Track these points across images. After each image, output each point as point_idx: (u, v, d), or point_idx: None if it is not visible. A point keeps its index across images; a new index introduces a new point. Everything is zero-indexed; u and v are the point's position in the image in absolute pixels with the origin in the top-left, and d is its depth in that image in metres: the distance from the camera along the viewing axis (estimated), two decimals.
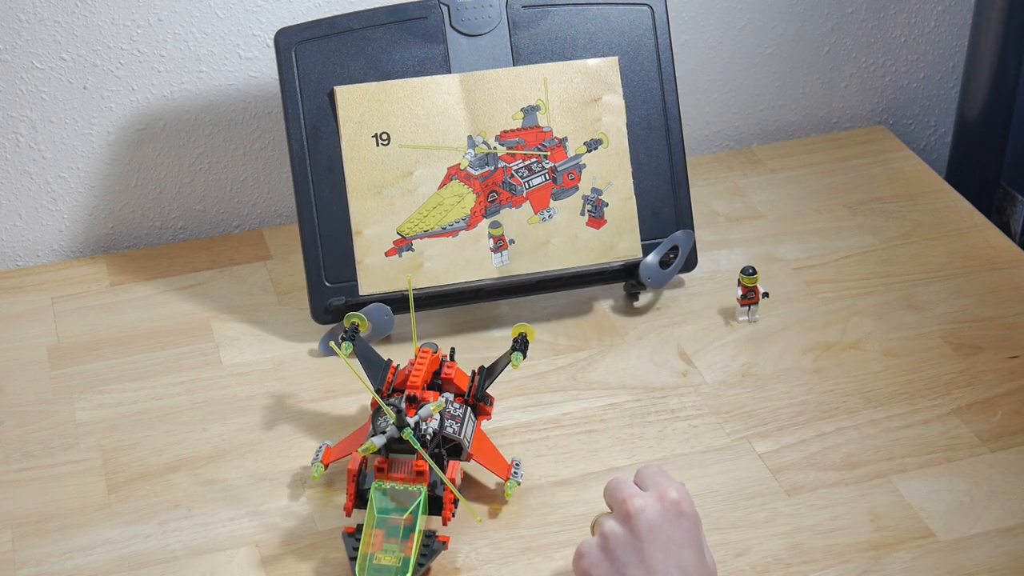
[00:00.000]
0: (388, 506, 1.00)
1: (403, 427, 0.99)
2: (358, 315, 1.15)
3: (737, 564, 1.02)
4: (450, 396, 1.08)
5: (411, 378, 1.05)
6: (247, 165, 1.43)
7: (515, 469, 1.09)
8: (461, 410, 1.07)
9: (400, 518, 0.99)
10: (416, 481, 1.01)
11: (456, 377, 1.09)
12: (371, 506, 1.00)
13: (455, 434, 1.05)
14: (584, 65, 1.26)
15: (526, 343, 1.10)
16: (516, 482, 1.08)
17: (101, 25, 1.32)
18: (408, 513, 0.99)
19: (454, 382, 1.09)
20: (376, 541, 0.98)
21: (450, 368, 1.10)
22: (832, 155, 1.53)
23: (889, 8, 1.55)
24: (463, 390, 1.09)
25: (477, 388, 1.09)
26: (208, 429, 1.16)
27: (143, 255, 1.39)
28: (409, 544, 0.98)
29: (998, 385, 1.19)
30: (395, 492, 1.01)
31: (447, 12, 1.25)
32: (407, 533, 0.99)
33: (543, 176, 1.26)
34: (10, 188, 1.37)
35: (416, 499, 1.00)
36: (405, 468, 1.02)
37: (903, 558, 1.03)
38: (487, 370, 1.11)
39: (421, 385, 1.05)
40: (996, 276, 1.33)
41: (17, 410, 1.19)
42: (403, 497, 1.00)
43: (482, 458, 1.08)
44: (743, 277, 1.26)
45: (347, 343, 1.10)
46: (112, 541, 1.06)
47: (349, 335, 1.11)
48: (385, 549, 0.98)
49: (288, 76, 1.22)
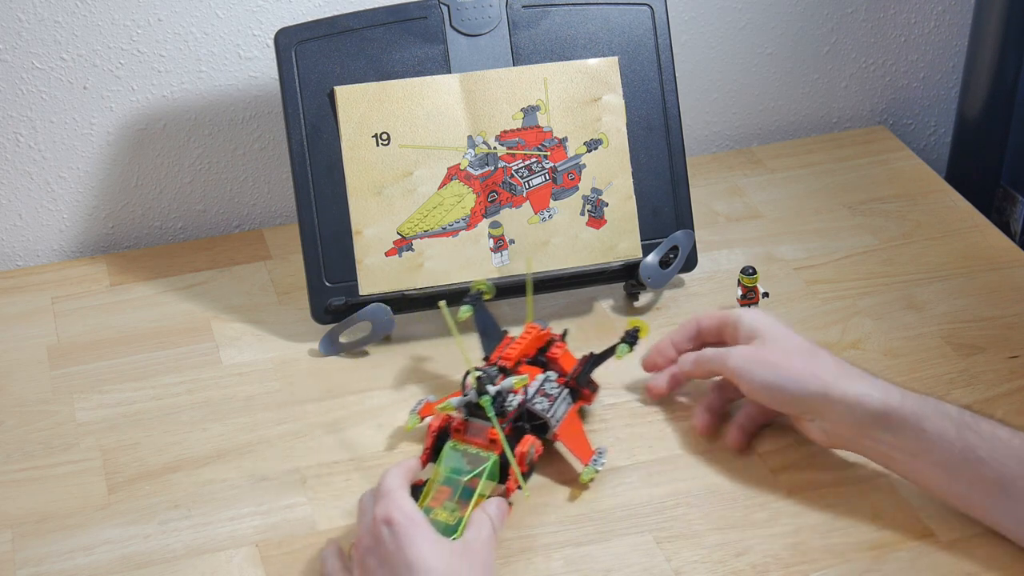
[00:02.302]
0: (457, 465, 1.03)
1: (482, 394, 1.03)
2: (485, 283, 1.17)
3: (737, 564, 1.02)
4: (551, 375, 1.11)
5: (507, 350, 1.09)
6: (247, 165, 1.43)
7: (596, 456, 1.10)
8: (557, 390, 1.10)
9: (464, 478, 1.02)
10: (489, 448, 1.04)
11: (562, 358, 1.13)
12: (441, 462, 1.03)
13: (542, 411, 1.07)
14: (584, 65, 1.26)
15: (636, 337, 1.13)
16: (595, 469, 1.09)
17: (101, 25, 1.32)
18: (474, 476, 1.02)
19: (559, 362, 1.12)
20: (439, 496, 1.01)
21: (558, 348, 1.13)
22: (832, 155, 1.53)
23: (889, 8, 1.55)
24: (567, 372, 1.12)
25: (580, 372, 1.12)
26: (208, 429, 1.16)
27: (143, 255, 1.39)
28: (467, 505, 1.00)
29: (998, 385, 1.19)
30: (467, 453, 1.04)
31: (447, 12, 1.25)
32: (468, 494, 1.01)
33: (543, 176, 1.26)
34: (10, 188, 1.37)
35: (485, 463, 1.03)
36: (481, 434, 1.05)
37: (903, 558, 1.03)
38: (595, 357, 1.13)
39: (516, 358, 1.09)
40: (996, 276, 1.33)
41: (17, 410, 1.19)
42: (474, 460, 1.03)
43: (567, 440, 1.09)
44: (743, 277, 1.26)
45: (467, 307, 1.12)
46: (112, 541, 1.06)
47: (472, 299, 1.13)
48: (444, 506, 1.01)
49: (288, 76, 1.22)
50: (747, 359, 1.08)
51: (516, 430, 1.06)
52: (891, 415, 1.02)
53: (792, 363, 1.06)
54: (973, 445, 0.99)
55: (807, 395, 1.05)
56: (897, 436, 1.02)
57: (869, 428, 1.03)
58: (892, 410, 1.02)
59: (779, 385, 1.06)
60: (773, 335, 1.09)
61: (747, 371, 1.08)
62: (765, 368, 1.07)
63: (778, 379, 1.06)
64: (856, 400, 1.03)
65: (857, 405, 1.03)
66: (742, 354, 1.09)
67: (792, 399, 1.06)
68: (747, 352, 1.09)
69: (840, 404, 1.03)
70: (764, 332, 1.09)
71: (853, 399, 1.03)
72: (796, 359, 1.06)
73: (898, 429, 1.01)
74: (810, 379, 1.05)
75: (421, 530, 0.94)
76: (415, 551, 0.92)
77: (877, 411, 1.02)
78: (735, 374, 1.09)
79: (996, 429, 1.00)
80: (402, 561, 0.92)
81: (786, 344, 1.08)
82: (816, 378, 1.05)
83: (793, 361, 1.06)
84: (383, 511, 0.95)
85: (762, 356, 1.08)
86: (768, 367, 1.07)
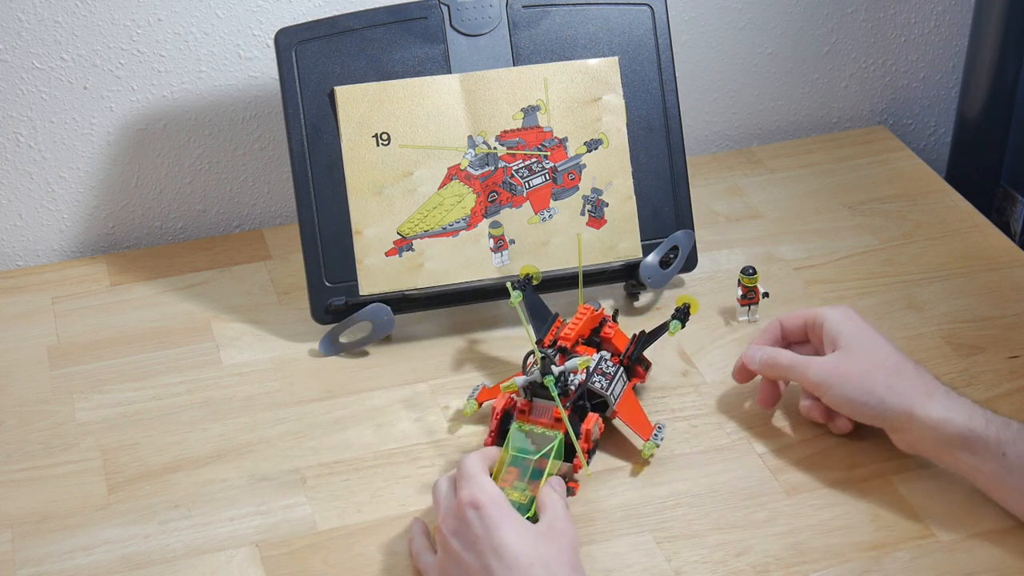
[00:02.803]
0: (524, 446, 1.05)
1: (546, 374, 1.05)
2: (532, 267, 1.19)
3: (737, 564, 1.02)
4: (606, 355, 1.13)
5: (565, 331, 1.11)
6: (247, 165, 1.43)
7: (657, 431, 1.11)
8: (613, 368, 1.12)
9: (533, 458, 1.03)
10: (554, 427, 1.06)
11: (615, 337, 1.15)
12: (508, 443, 1.05)
13: (601, 390, 1.10)
14: (584, 65, 1.26)
15: (687, 313, 1.14)
16: (655, 444, 1.10)
17: (101, 25, 1.32)
18: (541, 455, 1.04)
19: (612, 342, 1.14)
20: (508, 477, 1.03)
21: (611, 328, 1.15)
22: (832, 155, 1.53)
23: (889, 8, 1.55)
24: (620, 351, 1.14)
25: (633, 350, 1.13)
26: (208, 429, 1.16)
27: (143, 255, 1.39)
28: (537, 485, 1.01)
29: (998, 385, 1.19)
30: (533, 434, 1.06)
31: (447, 12, 1.25)
32: (537, 474, 1.02)
33: (543, 176, 1.26)
34: (10, 188, 1.37)
35: (551, 443, 1.04)
36: (546, 414, 1.07)
37: (903, 558, 1.03)
38: (647, 335, 1.15)
39: (575, 339, 1.11)
40: (996, 276, 1.33)
41: (17, 410, 1.19)
42: (540, 440, 1.05)
43: (627, 417, 1.11)
44: (743, 277, 1.26)
45: (518, 292, 1.13)
46: (112, 541, 1.06)
47: (521, 284, 1.15)
48: (515, 486, 1.02)
49: (288, 76, 1.22)
50: (828, 373, 1.08)
51: (577, 409, 1.08)
52: (974, 440, 1.01)
53: (876, 379, 1.05)
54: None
55: (890, 413, 1.05)
56: (979, 459, 1.02)
57: (951, 449, 1.03)
58: (975, 435, 1.01)
59: (862, 401, 1.06)
60: (858, 343, 1.08)
61: (829, 386, 1.07)
62: (847, 383, 1.06)
63: (861, 395, 1.06)
64: (939, 422, 1.02)
65: (940, 427, 1.02)
66: (823, 368, 1.08)
67: (875, 415, 1.06)
68: (828, 365, 1.08)
69: (923, 424, 1.03)
70: (848, 339, 1.08)
71: (936, 421, 1.02)
72: (880, 374, 1.05)
73: (980, 452, 1.01)
74: (894, 397, 1.04)
75: (508, 514, 0.94)
76: (502, 535, 0.93)
77: (960, 434, 1.02)
78: (816, 388, 1.09)
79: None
80: (489, 545, 0.92)
81: (871, 356, 1.07)
82: (900, 396, 1.04)
83: (876, 376, 1.05)
84: (469, 495, 0.95)
85: (843, 369, 1.07)
86: (850, 382, 1.06)
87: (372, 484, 1.11)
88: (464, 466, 0.99)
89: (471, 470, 0.98)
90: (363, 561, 1.04)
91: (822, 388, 1.08)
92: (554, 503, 0.98)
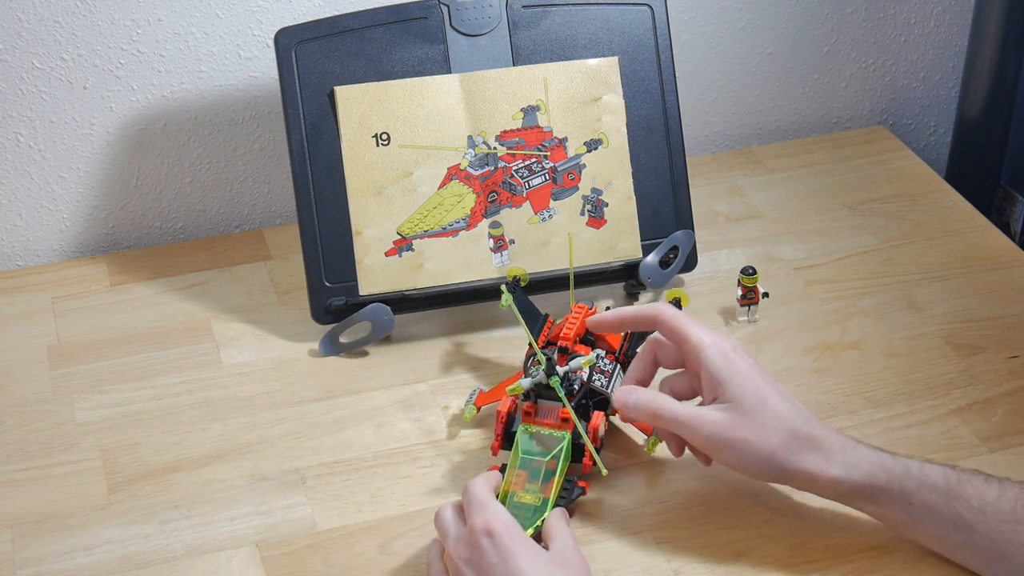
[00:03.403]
0: (533, 448, 1.05)
1: (551, 375, 1.06)
2: (520, 269, 1.19)
3: (737, 564, 1.02)
4: (602, 352, 1.13)
5: (564, 331, 1.11)
6: (247, 165, 1.43)
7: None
8: (611, 366, 1.12)
9: (543, 460, 1.04)
10: (561, 427, 1.06)
11: (609, 335, 1.14)
12: (516, 447, 1.05)
13: (602, 388, 1.10)
14: (584, 65, 1.26)
15: (679, 306, 1.14)
16: (658, 438, 1.10)
17: (101, 25, 1.32)
18: (551, 457, 1.04)
19: (606, 340, 1.14)
20: (519, 481, 1.03)
21: None
22: (832, 155, 1.53)
23: (889, 8, 1.55)
24: (615, 348, 1.14)
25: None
26: (208, 429, 1.16)
27: (143, 255, 1.39)
28: (550, 486, 1.02)
29: (998, 385, 1.19)
30: (540, 436, 1.06)
31: (447, 12, 1.25)
32: (548, 476, 1.03)
33: (543, 176, 1.26)
34: (10, 188, 1.37)
35: (560, 443, 1.04)
36: (552, 414, 1.07)
37: (903, 558, 1.03)
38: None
39: (573, 338, 1.11)
40: (996, 276, 1.33)
41: (17, 410, 1.19)
42: (548, 441, 1.05)
43: None
44: (743, 277, 1.26)
45: (508, 294, 1.14)
46: (112, 541, 1.06)
47: (511, 287, 1.15)
48: (526, 489, 1.02)
49: (288, 76, 1.22)
50: (721, 436, 1.00)
51: (579, 408, 1.09)
52: (877, 494, 0.99)
53: (772, 444, 0.99)
54: (961, 513, 0.96)
55: (791, 477, 1.01)
56: (885, 509, 1.00)
57: (857, 502, 1.01)
58: (877, 489, 0.99)
59: (759, 468, 1.01)
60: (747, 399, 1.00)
61: (721, 449, 1.01)
62: (743, 447, 1.00)
63: (758, 463, 1.00)
64: (839, 479, 0.99)
65: (842, 484, 1.00)
66: (715, 430, 1.00)
67: (774, 479, 1.02)
68: (720, 428, 1.00)
69: (824, 484, 1.00)
70: (734, 391, 1.00)
71: (836, 478, 0.99)
72: (775, 439, 0.99)
73: (885, 504, 0.99)
74: (793, 463, 0.99)
75: (522, 541, 0.93)
76: (519, 563, 0.92)
77: (862, 490, 1.00)
78: (707, 449, 1.02)
79: (983, 491, 0.97)
80: (505, 573, 0.92)
81: (763, 416, 1.00)
82: (799, 460, 0.99)
83: (773, 442, 0.99)
84: (483, 523, 0.93)
85: (737, 435, 1.00)
86: (746, 446, 1.00)
87: (372, 484, 1.11)
88: (472, 492, 0.97)
89: (480, 496, 0.96)
90: (363, 561, 1.04)
91: (714, 450, 1.01)
92: (562, 532, 0.98)
